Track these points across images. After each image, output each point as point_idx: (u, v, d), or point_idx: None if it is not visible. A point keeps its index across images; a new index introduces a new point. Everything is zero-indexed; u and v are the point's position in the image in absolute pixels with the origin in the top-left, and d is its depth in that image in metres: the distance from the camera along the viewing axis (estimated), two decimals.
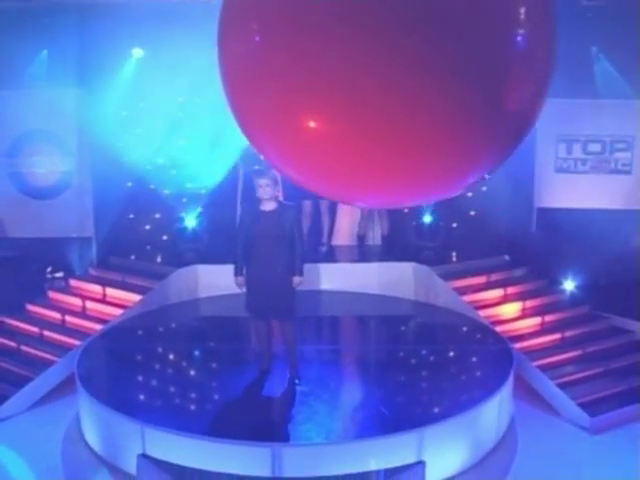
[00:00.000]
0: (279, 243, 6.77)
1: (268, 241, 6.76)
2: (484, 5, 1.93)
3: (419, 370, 7.81)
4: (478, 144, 2.10)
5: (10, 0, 9.17)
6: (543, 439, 7.24)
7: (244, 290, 6.94)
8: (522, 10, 2.03)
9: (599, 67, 10.18)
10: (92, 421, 6.97)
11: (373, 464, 6.00)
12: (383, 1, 1.82)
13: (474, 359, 7.97)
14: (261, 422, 6.52)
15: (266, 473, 5.91)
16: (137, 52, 10.40)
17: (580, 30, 9.80)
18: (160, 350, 8.33)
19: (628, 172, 10.61)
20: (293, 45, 1.88)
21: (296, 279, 6.88)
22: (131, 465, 6.34)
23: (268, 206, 6.78)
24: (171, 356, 8.23)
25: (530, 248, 10.42)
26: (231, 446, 6.03)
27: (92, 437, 6.98)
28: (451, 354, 8.18)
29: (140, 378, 7.56)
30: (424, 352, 8.14)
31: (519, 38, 2.00)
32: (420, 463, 6.14)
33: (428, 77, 1.85)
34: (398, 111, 1.86)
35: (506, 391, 7.13)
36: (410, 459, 6.13)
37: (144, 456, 6.27)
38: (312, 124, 1.94)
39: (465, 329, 8.70)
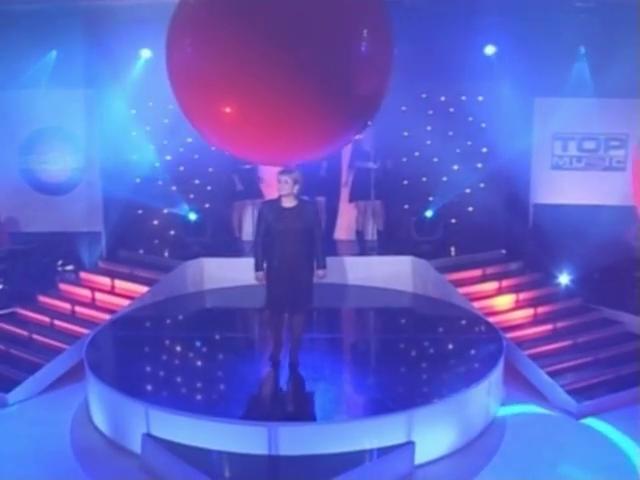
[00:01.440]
0: (301, 238, 7.00)
1: (290, 236, 6.97)
2: (336, 23, 2.43)
3: (412, 357, 8.12)
4: (335, 122, 3.12)
5: (22, 3, 9.52)
6: (531, 423, 7.53)
7: (263, 284, 7.14)
8: (363, 26, 2.54)
9: (579, 67, 10.47)
10: (99, 404, 7.32)
11: (365, 443, 6.31)
12: (264, 30, 2.37)
13: (466, 347, 8.25)
14: (260, 404, 6.89)
15: (263, 451, 6.23)
16: (145, 53, 10.76)
17: (574, 31, 10.14)
18: (165, 338, 8.69)
19: (622, 169, 10.90)
20: (209, 58, 2.89)
21: (320, 272, 7.17)
22: (136, 444, 6.70)
23: (288, 203, 6.98)
24: (175, 343, 8.59)
25: (526, 243, 10.74)
26: (230, 425, 6.36)
27: (99, 419, 7.33)
28: (444, 343, 8.48)
29: (145, 364, 7.89)
30: (418, 341, 8.46)
31: (361, 47, 2.51)
32: (410, 443, 6.47)
33: (297, 78, 2.59)
34: (279, 102, 2.72)
35: (495, 377, 7.44)
36: (400, 439, 6.44)
37: (148, 435, 6.62)
38: (227, 110, 2.95)
39: (459, 319, 9.01)
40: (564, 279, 10.05)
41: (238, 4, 2.53)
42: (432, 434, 6.63)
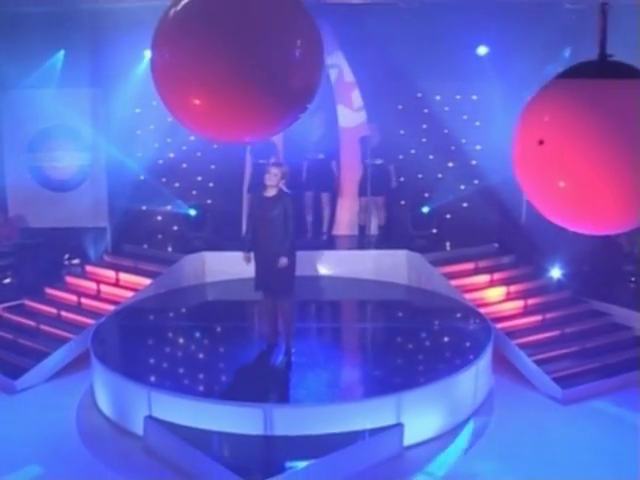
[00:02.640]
0: (277, 226, 7.41)
1: (267, 224, 7.45)
2: (277, 39, 3.52)
3: (403, 345, 8.47)
4: (277, 109, 3.74)
5: (32, 6, 9.84)
6: (518, 409, 7.84)
7: (248, 265, 7.61)
8: (295, 36, 3.38)
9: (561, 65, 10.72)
10: (104, 388, 7.67)
11: (356, 425, 6.64)
12: (223, 42, 3.46)
13: (455, 336, 8.60)
14: (256, 387, 7.23)
15: (259, 432, 6.58)
16: (149, 54, 11.05)
17: (565, 32, 10.43)
18: (167, 327, 9.09)
19: None
20: (180, 63, 3.62)
21: (282, 260, 7.42)
22: (139, 426, 7.05)
23: (270, 192, 7.48)
24: (176, 332, 9.00)
25: (519, 237, 11.01)
26: (227, 407, 6.73)
27: (104, 403, 7.69)
28: (434, 332, 8.84)
29: (148, 351, 8.28)
30: (409, 330, 8.81)
31: (296, 55, 3.59)
32: (399, 425, 6.80)
33: (247, 77, 3.46)
34: (235, 94, 3.52)
35: (483, 364, 7.74)
36: (390, 421, 6.78)
37: (150, 417, 6.97)
38: (195, 102, 3.67)
39: (450, 310, 9.31)
40: (555, 273, 10.32)
41: (206, 25, 3.49)
42: (421, 417, 6.96)
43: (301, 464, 6.21)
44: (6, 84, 10.90)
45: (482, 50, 10.81)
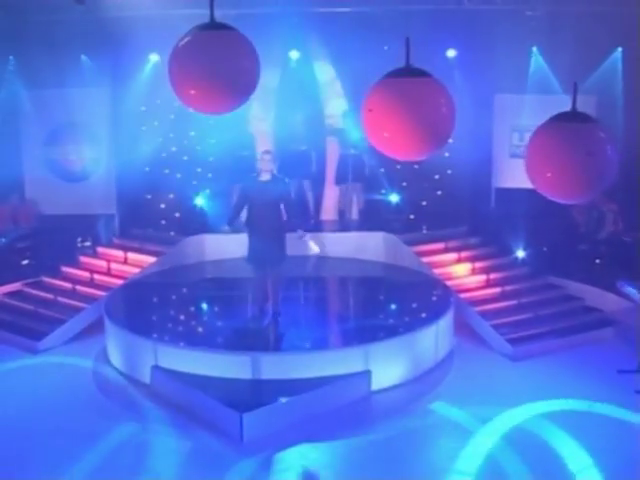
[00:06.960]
0: (271, 207, 8.55)
1: (263, 205, 8.54)
2: (230, 57, 5.52)
3: (375, 309, 9.69)
4: (234, 95, 5.74)
5: (49, 14, 10.90)
6: (474, 363, 9.06)
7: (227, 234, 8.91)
8: (243, 57, 5.67)
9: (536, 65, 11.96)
10: (116, 345, 8.89)
11: (330, 370, 7.86)
12: (200, 58, 5.42)
13: (421, 302, 9.81)
14: (247, 340, 8.50)
15: (247, 376, 7.83)
16: (154, 57, 12.18)
17: (526, 37, 11.62)
18: (169, 294, 10.32)
19: None
20: (185, 71, 5.44)
21: (299, 232, 8.76)
22: (146, 376, 8.27)
23: (264, 177, 8.59)
24: (178, 298, 10.27)
25: (487, 222, 12.16)
26: (222, 356, 7.97)
27: (116, 358, 8.90)
28: (404, 299, 10.05)
29: (153, 313, 9.59)
30: (382, 297, 10.05)
31: (244, 66, 5.69)
32: (367, 372, 8.02)
33: (216, 77, 5.46)
34: (210, 86, 5.40)
35: (443, 324, 8.95)
36: (359, 368, 8.01)
37: (157, 367, 8.18)
38: (192, 92, 5.40)
39: (419, 282, 10.48)
40: (518, 252, 11.46)
41: (198, 51, 5.45)
42: (387, 366, 8.18)
43: (282, 400, 7.44)
44: (30, 84, 12.02)
45: (451, 53, 11.96)
